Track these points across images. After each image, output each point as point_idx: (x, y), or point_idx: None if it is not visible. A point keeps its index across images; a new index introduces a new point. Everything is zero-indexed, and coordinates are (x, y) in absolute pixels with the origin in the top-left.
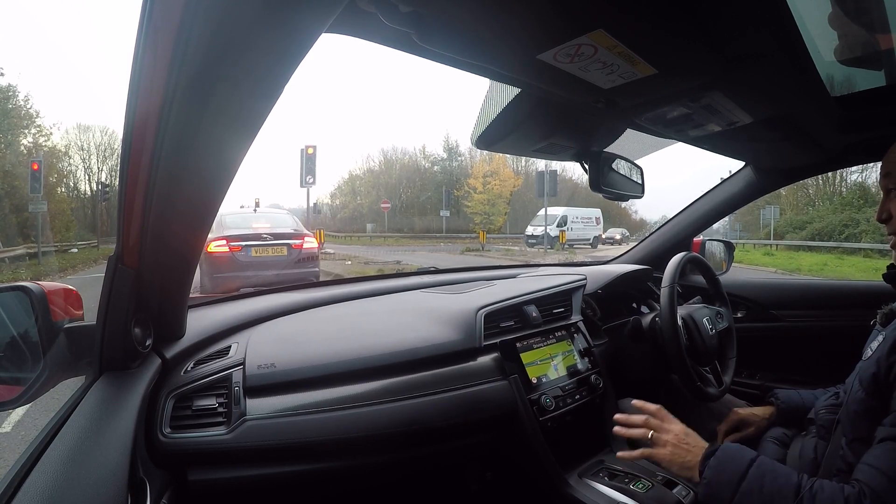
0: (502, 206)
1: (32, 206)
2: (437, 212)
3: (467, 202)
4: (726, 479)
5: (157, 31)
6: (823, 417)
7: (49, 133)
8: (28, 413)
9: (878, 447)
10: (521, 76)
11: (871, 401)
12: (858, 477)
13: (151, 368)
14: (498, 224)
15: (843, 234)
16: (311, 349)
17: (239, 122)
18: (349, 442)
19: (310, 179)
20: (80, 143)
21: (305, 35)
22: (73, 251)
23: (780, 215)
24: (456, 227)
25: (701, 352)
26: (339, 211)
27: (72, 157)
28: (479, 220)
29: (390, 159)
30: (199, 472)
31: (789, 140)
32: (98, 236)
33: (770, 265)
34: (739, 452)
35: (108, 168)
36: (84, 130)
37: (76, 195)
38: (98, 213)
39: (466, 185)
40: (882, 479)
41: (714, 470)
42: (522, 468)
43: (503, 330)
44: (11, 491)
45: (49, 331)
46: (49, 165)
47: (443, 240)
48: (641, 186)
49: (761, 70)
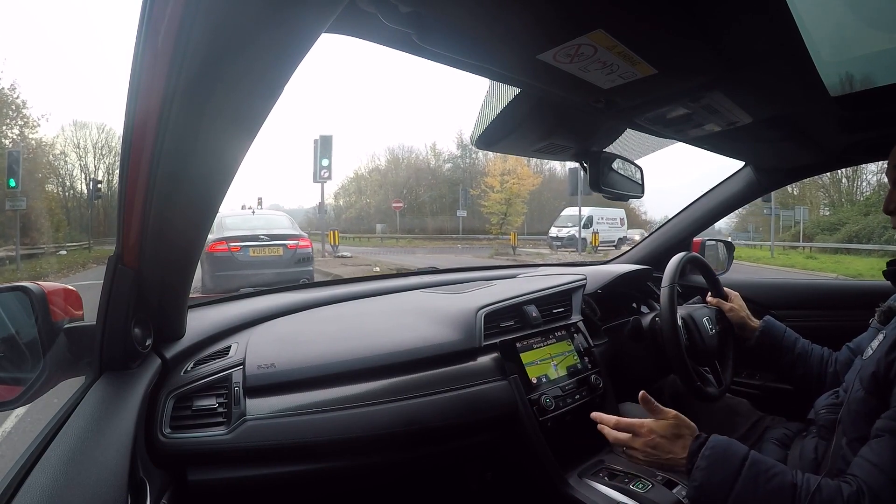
0: (520, 205)
1: (10, 202)
2: (449, 211)
3: (483, 202)
4: (718, 481)
5: (157, 30)
6: (824, 417)
7: (36, 125)
8: (28, 412)
9: (875, 441)
10: (520, 76)
11: (871, 400)
12: (856, 472)
13: (151, 368)
14: (515, 224)
15: (884, 237)
16: (311, 349)
17: (239, 121)
18: (349, 442)
19: (325, 174)
20: (77, 140)
21: (305, 35)
22: (62, 254)
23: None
24: (471, 227)
25: (701, 352)
26: (343, 211)
27: (68, 156)
28: (495, 220)
29: (397, 158)
30: (198, 472)
31: (789, 140)
32: (89, 237)
33: (818, 269)
34: (730, 450)
35: (106, 166)
36: (81, 127)
37: (72, 194)
38: (90, 212)
39: (483, 184)
40: (880, 477)
41: (705, 472)
42: (522, 468)
43: (503, 330)
44: (11, 491)
45: (49, 331)
46: (35, 160)
47: (460, 241)
48: (641, 186)
49: (761, 70)
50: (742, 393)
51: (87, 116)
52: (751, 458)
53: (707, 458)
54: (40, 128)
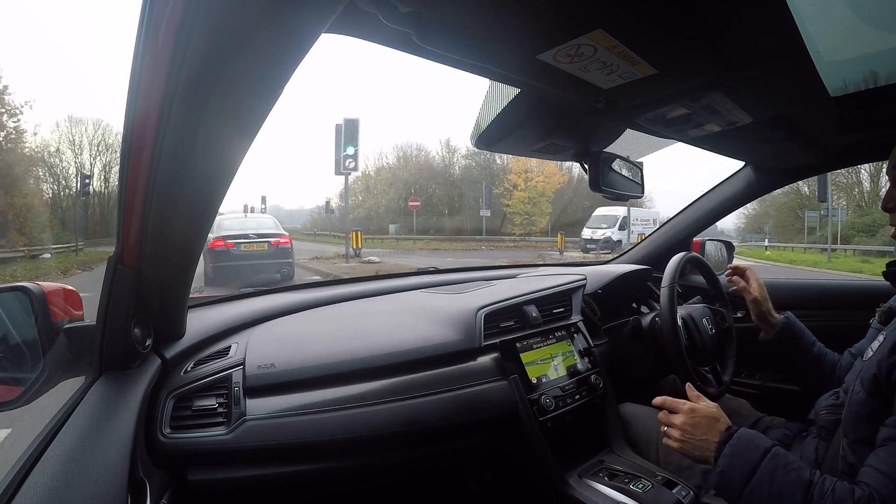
0: (545, 205)
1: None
2: (468, 211)
3: (507, 200)
4: (739, 468)
5: (157, 30)
6: (824, 418)
7: (18, 112)
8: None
9: (882, 450)
10: (520, 76)
11: (872, 402)
12: (866, 480)
13: (151, 369)
14: (540, 225)
15: None
16: (311, 349)
17: (239, 121)
18: (349, 442)
19: (350, 163)
20: (72, 136)
21: (305, 35)
22: (45, 257)
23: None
24: (491, 228)
25: (701, 352)
26: (351, 211)
27: (63, 154)
28: (519, 220)
29: (407, 155)
30: (198, 472)
31: (789, 140)
32: (77, 238)
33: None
34: (755, 441)
35: (103, 163)
36: (76, 123)
37: (67, 193)
38: (79, 211)
39: (506, 182)
40: (889, 484)
41: (728, 458)
42: (522, 468)
43: (503, 330)
44: (11, 491)
45: (49, 331)
46: (15, 152)
47: (483, 243)
48: (641, 186)
49: (761, 70)
50: (742, 393)
51: (83, 113)
52: (773, 451)
53: (733, 446)
54: (23, 115)
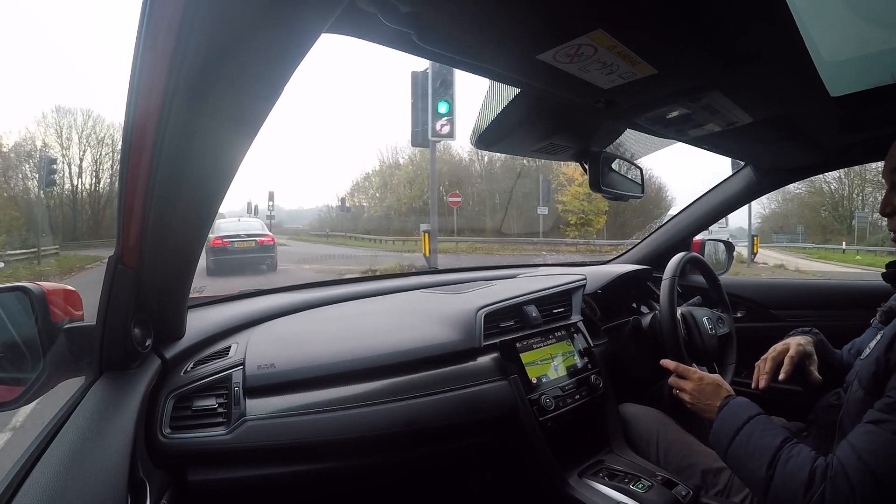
0: (601, 201)
1: None
2: (513, 209)
3: (560, 196)
4: (725, 430)
5: (157, 30)
6: (824, 418)
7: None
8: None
9: (862, 426)
10: (520, 76)
11: (871, 400)
12: (837, 453)
13: (151, 369)
14: (597, 226)
15: None
16: (311, 349)
17: (239, 122)
18: (349, 442)
19: (444, 127)
20: (59, 127)
21: (305, 35)
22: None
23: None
24: (530, 228)
25: (700, 350)
26: (365, 210)
27: (50, 147)
28: (573, 219)
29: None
30: (198, 472)
31: (789, 140)
32: (38, 242)
33: None
34: (744, 408)
35: (93, 158)
36: (64, 114)
37: (53, 191)
38: (40, 206)
39: (561, 174)
40: (857, 463)
41: (720, 422)
42: (522, 468)
43: (503, 330)
44: (12, 491)
45: (49, 331)
46: None
47: (542, 246)
48: (641, 186)
49: (761, 70)
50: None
51: (72, 103)
52: (757, 417)
53: (725, 409)
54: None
